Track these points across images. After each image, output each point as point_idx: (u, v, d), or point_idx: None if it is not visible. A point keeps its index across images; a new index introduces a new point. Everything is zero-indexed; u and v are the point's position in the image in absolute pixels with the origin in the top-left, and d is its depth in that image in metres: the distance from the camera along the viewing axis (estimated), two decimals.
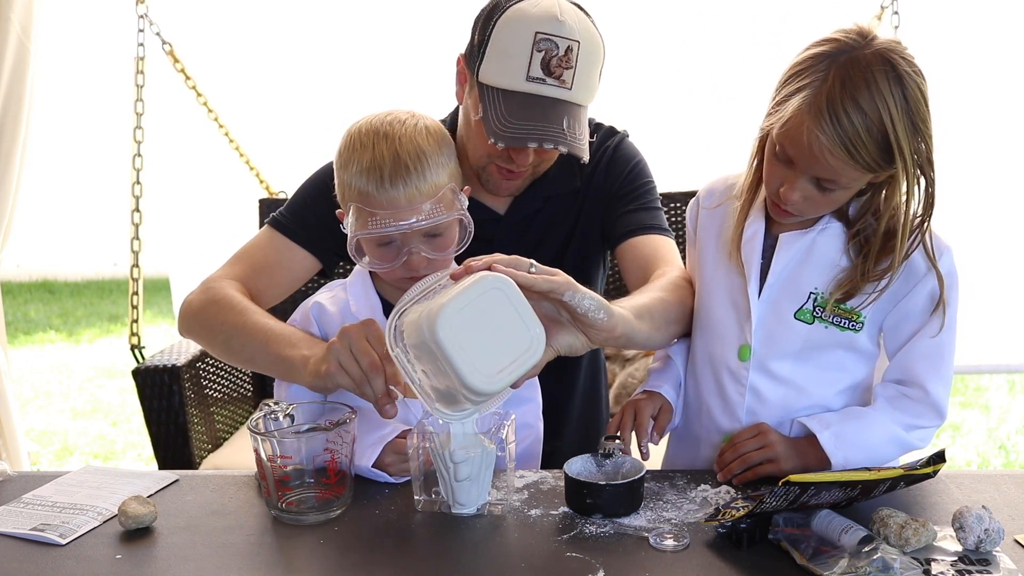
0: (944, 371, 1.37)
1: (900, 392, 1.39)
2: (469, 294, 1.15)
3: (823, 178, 1.28)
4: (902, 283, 1.35)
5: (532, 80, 1.49)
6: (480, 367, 1.14)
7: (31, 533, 1.24)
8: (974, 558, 1.12)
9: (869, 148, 1.22)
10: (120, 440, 4.20)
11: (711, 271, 1.49)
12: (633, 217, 1.70)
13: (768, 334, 1.41)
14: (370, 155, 1.40)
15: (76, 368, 5.30)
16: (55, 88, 3.30)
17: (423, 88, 2.79)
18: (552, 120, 1.50)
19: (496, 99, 1.52)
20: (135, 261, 2.83)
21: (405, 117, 1.45)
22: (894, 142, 1.23)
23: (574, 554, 1.16)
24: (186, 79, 2.97)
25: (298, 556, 1.19)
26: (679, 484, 1.37)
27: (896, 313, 1.38)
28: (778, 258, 1.40)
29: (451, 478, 1.26)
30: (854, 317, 1.37)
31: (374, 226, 1.40)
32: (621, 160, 1.75)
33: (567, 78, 1.50)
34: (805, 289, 1.39)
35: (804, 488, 1.12)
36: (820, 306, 1.38)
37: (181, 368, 2.26)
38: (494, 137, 1.50)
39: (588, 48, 1.51)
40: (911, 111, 1.24)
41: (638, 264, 1.65)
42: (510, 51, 1.51)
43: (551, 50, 1.49)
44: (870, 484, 1.20)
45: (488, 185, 1.67)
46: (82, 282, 7.54)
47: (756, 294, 1.41)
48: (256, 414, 1.30)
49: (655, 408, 1.51)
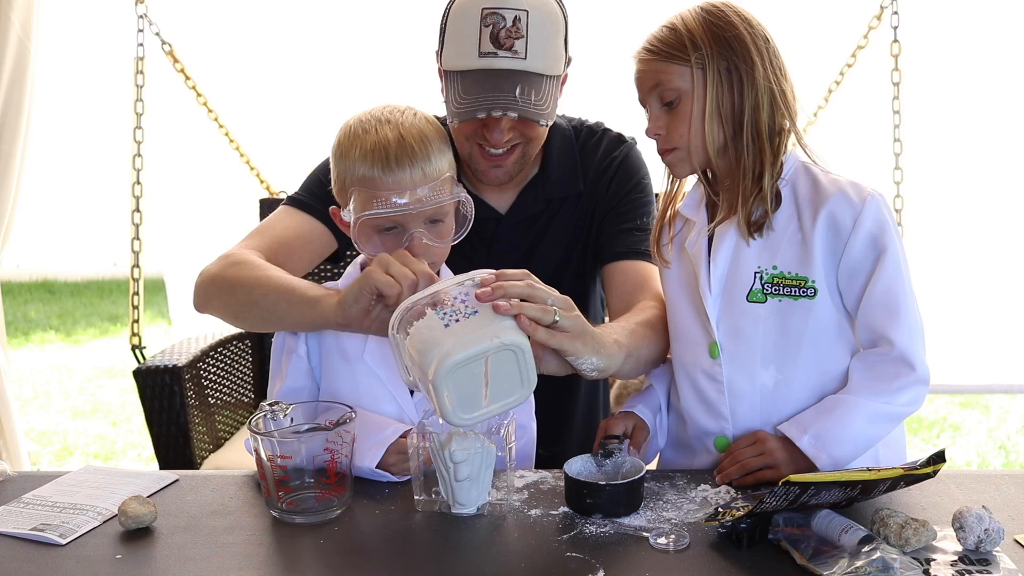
0: (905, 319, 1.34)
1: (872, 357, 1.36)
2: (482, 349, 1.18)
3: (653, 90, 1.40)
4: (834, 238, 1.36)
5: (484, 55, 1.52)
6: (463, 406, 1.19)
7: (31, 533, 1.24)
8: (974, 558, 1.12)
9: (660, 38, 1.39)
10: (120, 440, 4.20)
11: (672, 282, 1.52)
12: (627, 239, 1.70)
13: (730, 326, 1.42)
14: (374, 139, 1.41)
15: (76, 368, 5.30)
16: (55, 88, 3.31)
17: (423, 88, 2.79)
18: (504, 89, 1.52)
19: (455, 81, 1.56)
20: (136, 261, 2.83)
21: (403, 108, 1.48)
22: (682, 28, 1.37)
23: (574, 554, 1.16)
24: (186, 79, 2.97)
25: (298, 556, 1.19)
26: (679, 484, 1.37)
27: (843, 270, 1.37)
28: (717, 250, 1.43)
29: (451, 478, 1.26)
30: (803, 283, 1.37)
31: (379, 206, 1.40)
32: (626, 174, 1.75)
33: (519, 47, 1.52)
34: (748, 271, 1.40)
35: (804, 488, 1.12)
36: (768, 282, 1.39)
37: (182, 368, 2.26)
38: (451, 116, 1.55)
39: (540, 16, 1.53)
40: (706, 13, 1.38)
41: (625, 289, 1.66)
42: (462, 32, 1.54)
43: (498, 23, 1.51)
44: (870, 484, 1.20)
45: (478, 174, 1.67)
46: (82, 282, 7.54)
47: (708, 290, 1.43)
48: (256, 414, 1.30)
49: (627, 426, 1.51)
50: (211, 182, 3.22)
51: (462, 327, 1.20)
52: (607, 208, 1.73)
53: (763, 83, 1.36)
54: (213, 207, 3.20)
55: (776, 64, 1.39)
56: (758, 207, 1.38)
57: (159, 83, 2.96)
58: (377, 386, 1.45)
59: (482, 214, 1.68)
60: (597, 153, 1.76)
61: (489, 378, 1.19)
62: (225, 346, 2.51)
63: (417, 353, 1.20)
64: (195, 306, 1.64)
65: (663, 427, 1.56)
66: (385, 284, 1.30)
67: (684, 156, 1.41)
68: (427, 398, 1.23)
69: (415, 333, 1.21)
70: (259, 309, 1.52)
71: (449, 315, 1.22)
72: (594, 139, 1.78)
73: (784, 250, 1.38)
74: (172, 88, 3.00)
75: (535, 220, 1.74)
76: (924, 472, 1.24)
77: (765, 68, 1.36)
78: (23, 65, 2.85)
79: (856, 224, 1.35)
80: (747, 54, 1.36)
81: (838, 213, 1.35)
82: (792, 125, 1.40)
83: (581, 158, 1.76)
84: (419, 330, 1.21)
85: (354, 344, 1.46)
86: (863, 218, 1.34)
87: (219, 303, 1.59)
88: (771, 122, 1.38)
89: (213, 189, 3.21)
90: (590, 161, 1.76)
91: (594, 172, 1.74)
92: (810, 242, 1.36)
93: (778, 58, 1.40)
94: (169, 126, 3.11)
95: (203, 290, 1.60)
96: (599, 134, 1.79)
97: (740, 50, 1.36)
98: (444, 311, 1.22)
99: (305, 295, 1.44)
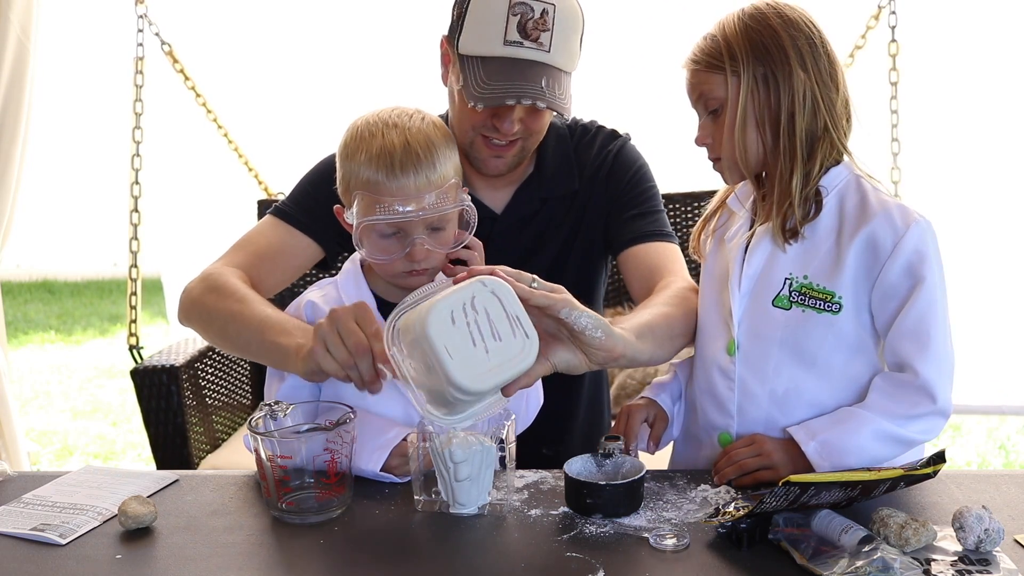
0: (934, 351, 1.32)
1: (895, 380, 1.35)
2: (463, 294, 1.16)
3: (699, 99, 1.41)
4: (871, 258, 1.35)
5: (509, 44, 1.51)
6: (467, 364, 1.15)
7: (31, 533, 1.24)
8: (974, 558, 1.12)
9: (702, 48, 1.40)
10: (120, 440, 4.20)
11: (707, 271, 1.52)
12: (636, 224, 1.70)
13: (750, 326, 1.42)
14: (380, 143, 1.40)
15: (76, 368, 5.30)
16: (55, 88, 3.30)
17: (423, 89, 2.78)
18: (531, 79, 1.51)
19: (476, 66, 1.54)
20: (134, 261, 2.83)
21: (411, 111, 1.47)
22: (720, 37, 1.38)
23: (574, 554, 1.16)
24: (185, 79, 2.97)
25: (298, 556, 1.19)
26: (679, 484, 1.37)
27: (877, 292, 1.36)
28: (753, 250, 1.43)
29: (451, 478, 1.26)
30: (829, 298, 1.37)
31: (383, 212, 1.39)
32: (623, 166, 1.75)
33: (544, 40, 1.52)
34: (780, 276, 1.40)
35: (804, 488, 1.12)
36: (796, 290, 1.39)
37: (179, 368, 2.26)
38: (473, 100, 1.52)
39: (565, 12, 1.53)
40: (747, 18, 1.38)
41: (641, 274, 1.65)
42: (487, 18, 1.53)
43: (526, 13, 1.51)
44: (870, 484, 1.20)
45: (477, 163, 1.66)
46: (82, 282, 7.53)
47: (737, 288, 1.43)
48: (256, 414, 1.30)
49: (650, 415, 1.52)
50: (210, 183, 3.21)
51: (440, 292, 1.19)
52: (609, 201, 1.73)
53: (802, 87, 1.34)
54: (211, 208, 3.19)
55: (823, 68, 1.37)
56: (792, 213, 1.38)
57: (158, 83, 2.96)
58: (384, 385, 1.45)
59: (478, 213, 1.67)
60: (592, 150, 1.76)
61: (483, 334, 1.16)
62: None
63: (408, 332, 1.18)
64: (179, 320, 1.65)
65: (680, 416, 1.56)
66: (334, 372, 1.29)
67: (731, 164, 1.42)
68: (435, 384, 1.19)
69: (403, 327, 1.20)
70: (233, 345, 1.55)
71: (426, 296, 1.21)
72: (588, 137, 1.78)
73: (819, 261, 1.38)
74: (171, 88, 3.00)
75: (531, 219, 1.74)
76: (924, 472, 1.24)
77: (807, 72, 1.35)
78: (22, 65, 2.84)
79: (896, 248, 1.33)
80: (785, 59, 1.35)
81: (879, 234, 1.34)
82: (831, 130, 1.37)
83: (576, 156, 1.75)
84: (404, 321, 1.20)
85: None
86: (904, 244, 1.33)
87: (198, 327, 1.61)
88: (810, 127, 1.36)
89: (211, 190, 3.21)
90: (585, 159, 1.75)
91: (590, 169, 1.74)
92: (844, 258, 1.35)
93: (829, 63, 1.38)
94: (168, 126, 3.10)
95: (184, 309, 1.61)
96: (593, 132, 1.79)
97: (778, 55, 1.35)
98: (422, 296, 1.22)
99: (275, 343, 1.40)
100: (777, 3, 1.39)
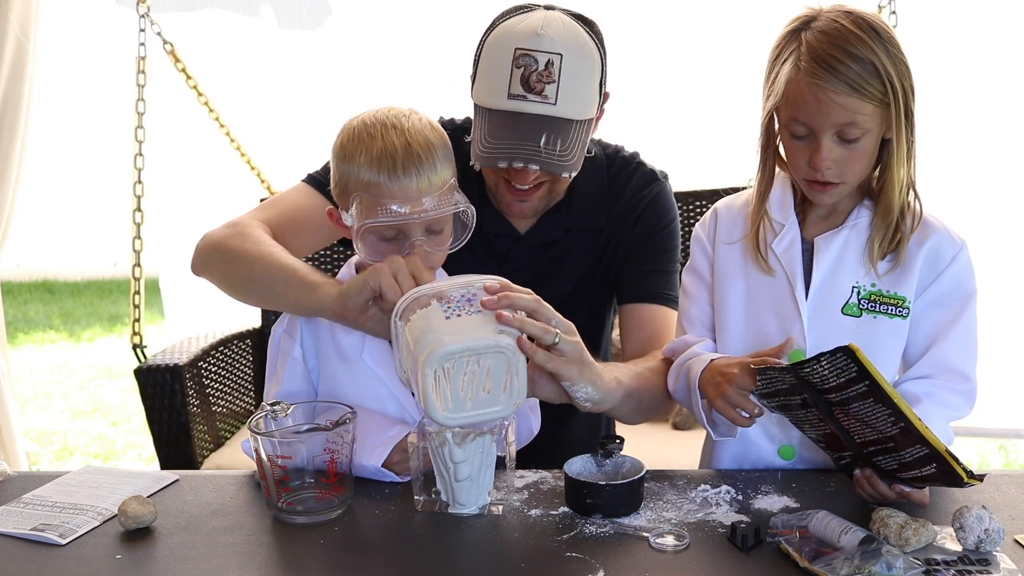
0: (975, 362, 1.40)
1: (940, 386, 1.38)
2: (476, 345, 1.19)
3: (841, 126, 1.31)
4: (931, 266, 1.39)
5: (513, 97, 1.49)
6: (445, 404, 1.19)
7: (31, 533, 1.24)
8: (974, 558, 1.12)
9: (864, 77, 1.29)
10: (120, 440, 4.20)
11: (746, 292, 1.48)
12: (650, 281, 1.68)
13: (819, 335, 1.41)
14: (380, 144, 1.39)
15: (76, 368, 5.30)
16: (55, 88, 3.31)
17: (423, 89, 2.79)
18: (528, 138, 1.49)
19: (483, 119, 1.54)
20: (137, 260, 2.83)
21: (407, 111, 1.45)
22: (880, 68, 1.29)
23: (574, 554, 1.16)
24: (187, 79, 2.97)
25: (298, 556, 1.19)
26: (679, 484, 1.37)
27: (925, 298, 1.40)
28: (819, 261, 1.42)
29: (451, 478, 1.26)
30: (900, 303, 1.39)
31: (384, 214, 1.38)
32: (655, 215, 1.71)
33: (550, 92, 1.49)
34: (847, 284, 1.41)
35: (862, 373, 1.11)
36: (864, 298, 1.40)
37: (183, 367, 2.26)
38: (474, 158, 1.53)
39: (574, 60, 1.50)
40: (884, 40, 1.31)
41: (641, 336, 1.65)
42: (493, 71, 1.52)
43: (530, 65, 1.48)
44: (909, 434, 1.15)
45: (502, 207, 1.66)
46: (82, 282, 7.53)
47: (803, 298, 1.42)
48: (256, 414, 1.30)
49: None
50: (212, 182, 3.21)
51: (463, 322, 1.21)
52: (631, 247, 1.70)
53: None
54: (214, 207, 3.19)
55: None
56: (888, 233, 1.39)
57: (160, 83, 2.96)
58: (378, 386, 1.45)
59: (500, 229, 1.67)
60: (627, 188, 1.71)
61: (477, 381, 1.20)
62: (226, 345, 2.51)
63: (414, 341, 1.21)
64: (192, 269, 1.63)
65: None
66: (388, 288, 1.31)
67: (848, 190, 1.40)
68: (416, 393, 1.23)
69: (415, 320, 1.23)
70: (256, 284, 1.52)
71: (452, 309, 1.23)
72: (626, 171, 1.73)
73: (883, 269, 1.40)
74: (173, 88, 3.00)
75: (551, 246, 1.72)
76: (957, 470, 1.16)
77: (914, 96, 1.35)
78: (21, 65, 2.85)
79: (953, 261, 1.40)
80: (913, 91, 1.34)
81: (941, 247, 1.40)
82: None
83: (609, 191, 1.71)
84: (420, 318, 1.23)
85: (352, 344, 1.46)
86: (960, 257, 1.40)
87: (217, 270, 1.59)
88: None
89: (214, 189, 3.21)
90: (618, 195, 1.71)
91: (620, 208, 1.70)
92: (912, 265, 1.39)
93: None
94: (170, 126, 3.11)
95: (203, 254, 1.60)
96: (632, 167, 1.74)
97: (911, 89, 1.33)
98: (448, 305, 1.23)
99: (306, 279, 1.44)
100: (884, 24, 1.34)
